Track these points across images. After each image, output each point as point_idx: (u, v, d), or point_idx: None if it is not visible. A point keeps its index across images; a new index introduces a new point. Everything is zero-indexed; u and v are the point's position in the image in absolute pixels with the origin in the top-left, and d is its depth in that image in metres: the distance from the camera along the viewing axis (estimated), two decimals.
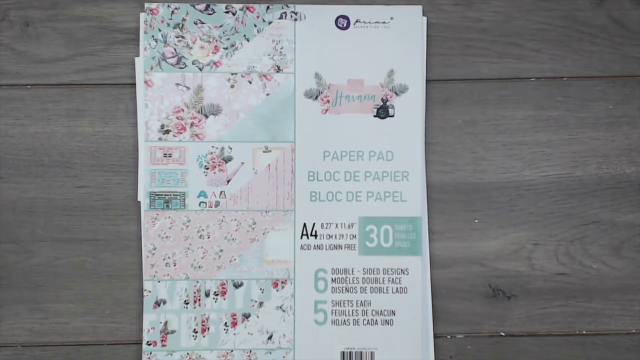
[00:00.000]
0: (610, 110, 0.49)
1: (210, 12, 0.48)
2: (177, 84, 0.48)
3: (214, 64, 0.48)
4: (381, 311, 0.48)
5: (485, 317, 0.49)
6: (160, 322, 0.47)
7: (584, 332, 0.49)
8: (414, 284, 0.48)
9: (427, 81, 0.49)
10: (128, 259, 0.48)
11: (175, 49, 0.48)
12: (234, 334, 0.48)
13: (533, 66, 0.49)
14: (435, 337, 0.48)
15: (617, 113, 0.49)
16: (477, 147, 0.49)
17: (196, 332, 0.47)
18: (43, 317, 0.48)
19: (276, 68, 0.48)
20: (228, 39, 0.48)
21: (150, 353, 0.47)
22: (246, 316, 0.48)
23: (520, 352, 0.49)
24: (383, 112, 0.48)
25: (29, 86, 0.48)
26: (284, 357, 0.47)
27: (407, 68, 0.48)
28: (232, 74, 0.48)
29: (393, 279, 0.48)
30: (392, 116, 0.48)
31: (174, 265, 0.48)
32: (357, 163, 0.48)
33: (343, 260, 0.48)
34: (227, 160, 0.48)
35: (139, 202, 0.48)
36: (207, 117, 0.48)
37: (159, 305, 0.47)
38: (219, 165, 0.48)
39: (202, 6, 0.48)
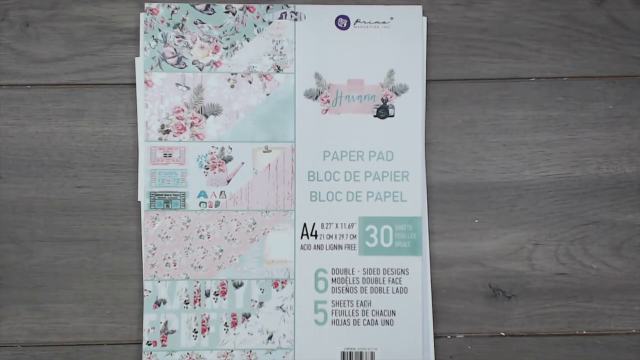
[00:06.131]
0: (610, 110, 0.49)
1: (210, 12, 0.48)
2: (177, 84, 0.48)
3: (214, 64, 0.48)
4: (381, 311, 0.48)
5: (485, 317, 0.49)
6: (161, 322, 0.47)
7: (584, 332, 0.49)
8: (414, 284, 0.48)
9: (427, 81, 0.49)
10: (128, 259, 0.48)
11: (175, 49, 0.48)
12: (234, 334, 0.48)
13: (533, 66, 0.49)
14: (435, 337, 0.48)
15: (617, 113, 0.49)
16: (477, 147, 0.49)
17: (196, 332, 0.47)
18: (43, 317, 0.48)
19: (276, 68, 0.48)
20: (228, 39, 0.48)
21: (151, 353, 0.47)
22: (246, 316, 0.48)
23: (520, 352, 0.49)
24: (383, 112, 0.48)
25: (29, 86, 0.48)
26: (284, 357, 0.47)
27: (407, 68, 0.48)
28: (232, 74, 0.48)
29: (393, 279, 0.48)
30: (392, 116, 0.48)
31: (174, 265, 0.48)
32: (357, 163, 0.48)
33: (343, 260, 0.48)
34: (227, 160, 0.48)
35: (139, 202, 0.48)
36: (207, 117, 0.48)
37: (159, 305, 0.47)
38: (219, 165, 0.48)
39: (202, 6, 0.48)
